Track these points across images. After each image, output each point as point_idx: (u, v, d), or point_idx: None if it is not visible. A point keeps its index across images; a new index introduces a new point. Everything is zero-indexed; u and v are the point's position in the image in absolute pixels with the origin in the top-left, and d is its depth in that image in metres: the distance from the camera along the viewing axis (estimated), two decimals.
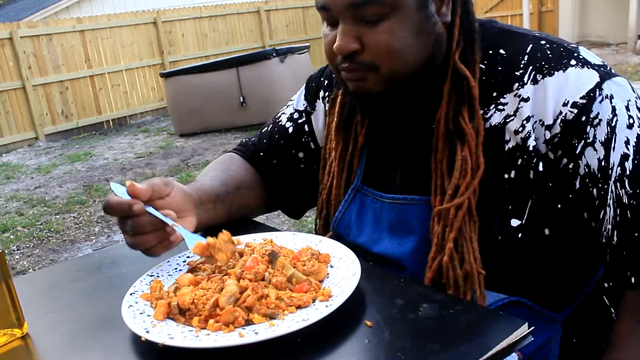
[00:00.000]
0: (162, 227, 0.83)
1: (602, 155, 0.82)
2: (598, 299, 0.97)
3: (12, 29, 7.94)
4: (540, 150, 0.85)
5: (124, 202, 0.80)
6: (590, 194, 0.84)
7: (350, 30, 0.84)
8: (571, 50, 0.86)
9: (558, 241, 0.88)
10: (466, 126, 0.86)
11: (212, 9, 10.53)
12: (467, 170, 0.85)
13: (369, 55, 0.84)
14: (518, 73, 0.86)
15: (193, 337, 0.65)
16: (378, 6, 0.82)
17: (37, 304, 0.83)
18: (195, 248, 0.80)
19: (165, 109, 8.99)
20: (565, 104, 0.82)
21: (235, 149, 1.18)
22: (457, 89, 0.88)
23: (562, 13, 11.05)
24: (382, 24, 0.83)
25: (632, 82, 1.23)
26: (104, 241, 4.19)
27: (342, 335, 0.65)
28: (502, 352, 0.61)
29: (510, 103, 0.86)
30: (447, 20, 0.88)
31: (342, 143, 1.02)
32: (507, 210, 0.86)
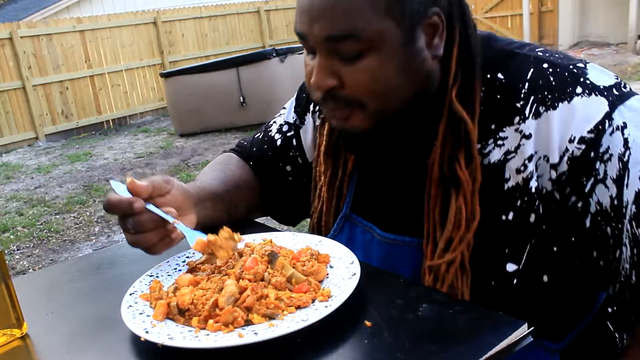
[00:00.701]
0: (163, 224, 0.82)
1: (614, 193, 0.75)
2: (601, 325, 0.92)
3: (12, 29, 7.95)
4: (545, 189, 0.78)
5: (125, 199, 0.80)
6: (602, 232, 0.78)
7: (327, 65, 0.77)
8: (577, 74, 0.78)
9: (556, 285, 0.83)
10: (462, 174, 0.79)
11: (212, 9, 10.53)
12: (461, 221, 0.79)
13: (349, 92, 0.78)
14: (519, 104, 0.79)
15: (192, 338, 0.64)
16: (356, 42, 0.74)
17: (36, 304, 0.83)
18: (196, 245, 0.80)
19: (165, 109, 8.99)
20: (572, 140, 0.75)
21: (233, 150, 1.17)
22: (454, 130, 0.80)
23: (562, 13, 11.04)
24: (361, 61, 0.76)
25: (632, 82, 1.21)
26: (104, 241, 4.19)
27: (341, 336, 0.65)
28: (501, 352, 0.61)
29: (511, 138, 0.79)
30: (438, 54, 0.80)
31: (331, 168, 0.97)
32: (503, 254, 0.80)
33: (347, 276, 0.73)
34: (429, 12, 0.77)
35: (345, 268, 0.76)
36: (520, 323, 0.63)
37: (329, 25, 0.75)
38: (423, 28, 0.77)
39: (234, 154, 1.15)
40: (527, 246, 0.80)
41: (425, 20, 0.77)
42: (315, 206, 1.01)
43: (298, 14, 0.79)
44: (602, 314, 0.92)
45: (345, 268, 0.76)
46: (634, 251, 0.76)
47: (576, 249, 0.81)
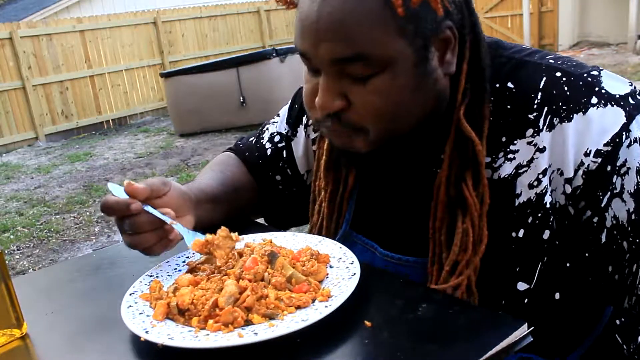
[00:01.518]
0: (161, 225, 0.81)
1: (632, 207, 0.73)
2: (609, 338, 0.89)
3: (12, 29, 7.95)
4: (559, 203, 0.76)
5: (122, 201, 0.79)
6: (619, 247, 0.75)
7: (334, 86, 0.73)
8: (592, 83, 0.75)
9: (567, 303, 0.80)
10: (469, 195, 0.76)
11: (212, 9, 10.53)
12: (467, 244, 0.76)
13: (356, 115, 0.74)
14: (531, 116, 0.75)
15: (192, 338, 0.64)
16: (366, 63, 0.70)
17: (36, 304, 0.83)
18: (194, 245, 0.80)
19: (165, 109, 8.99)
20: (588, 154, 0.72)
21: (232, 149, 1.16)
22: (461, 151, 0.77)
23: (562, 13, 11.04)
24: (371, 81, 0.71)
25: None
26: (104, 241, 4.19)
27: (341, 336, 0.65)
28: (501, 352, 0.61)
29: (523, 151, 0.76)
30: (451, 71, 0.75)
31: (331, 184, 0.94)
32: (513, 272, 0.77)
33: (347, 276, 0.73)
34: (442, 27, 0.72)
35: (345, 268, 0.76)
36: (520, 323, 0.63)
37: (336, 47, 0.70)
38: (436, 43, 0.73)
39: (233, 154, 1.15)
40: (539, 264, 0.77)
41: (439, 35, 0.72)
42: (314, 222, 0.98)
43: (299, 31, 0.73)
44: (610, 327, 0.89)
45: (345, 268, 0.76)
46: None
47: (590, 264, 0.78)
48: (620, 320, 0.88)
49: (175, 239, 0.83)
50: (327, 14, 0.69)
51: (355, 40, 0.69)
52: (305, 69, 0.79)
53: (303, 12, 0.72)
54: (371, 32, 0.69)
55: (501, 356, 0.60)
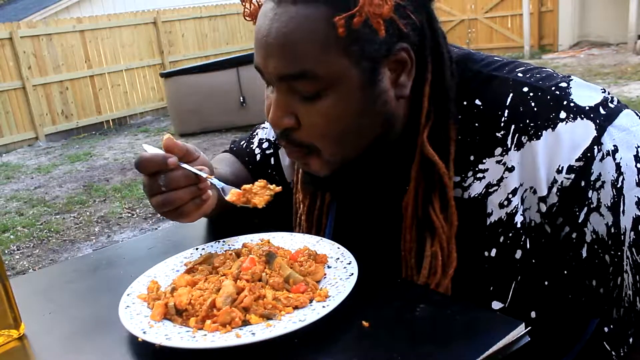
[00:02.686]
0: (196, 182, 0.78)
1: (610, 221, 0.72)
2: (597, 346, 0.87)
3: (12, 29, 7.95)
4: (534, 221, 0.75)
5: (159, 154, 0.76)
6: (601, 260, 0.74)
7: (284, 103, 0.74)
8: (559, 97, 0.73)
9: (545, 320, 0.79)
10: (436, 218, 0.76)
11: (212, 9, 10.53)
12: (437, 267, 0.76)
13: (305, 135, 0.75)
14: (499, 134, 0.74)
15: (190, 338, 0.64)
16: (311, 81, 0.70)
17: (34, 304, 0.83)
18: (232, 195, 0.80)
19: (165, 109, 8.99)
20: (560, 171, 0.71)
21: (227, 152, 1.15)
22: (427, 173, 0.77)
23: (562, 13, 11.04)
24: (319, 101, 0.72)
25: (632, 82, 1.15)
26: (104, 241, 4.19)
27: (339, 336, 0.65)
28: (498, 352, 0.61)
29: (492, 170, 0.75)
30: (404, 93, 0.75)
31: (309, 198, 0.94)
32: (487, 292, 0.77)
33: (344, 276, 0.73)
34: (395, 49, 0.72)
35: (343, 268, 0.76)
36: (517, 323, 0.63)
37: (282, 63, 0.71)
38: (388, 65, 0.73)
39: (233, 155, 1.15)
40: (512, 283, 0.77)
41: (391, 57, 0.72)
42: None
43: (255, 47, 0.75)
44: (598, 334, 0.87)
45: (343, 268, 0.76)
46: (636, 278, 0.74)
47: (570, 281, 0.78)
48: (608, 328, 0.87)
49: (207, 199, 0.80)
50: (275, 29, 0.71)
51: (300, 57, 0.70)
52: (265, 89, 0.80)
53: (257, 27, 0.74)
54: (315, 50, 0.69)
55: (498, 356, 0.61)
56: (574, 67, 9.17)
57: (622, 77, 7.94)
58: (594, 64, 9.19)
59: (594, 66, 9.01)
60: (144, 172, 0.77)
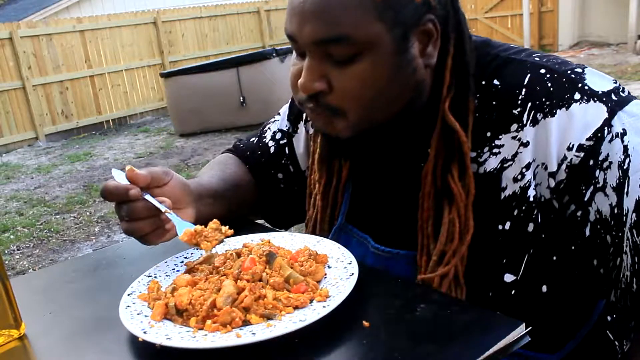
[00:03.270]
0: (158, 214, 0.81)
1: (614, 202, 0.74)
2: (600, 334, 0.90)
3: (12, 29, 7.95)
4: (544, 197, 0.77)
5: (121, 186, 0.79)
6: (602, 240, 0.77)
7: (316, 67, 0.75)
8: (575, 80, 0.76)
9: (555, 295, 0.81)
10: (455, 186, 0.78)
11: (212, 9, 10.53)
12: (454, 234, 0.78)
13: (336, 99, 0.76)
14: (516, 111, 0.77)
15: (190, 338, 0.64)
16: (347, 45, 0.73)
17: (34, 304, 0.83)
18: (184, 235, 0.80)
19: (165, 109, 8.99)
20: (570, 148, 0.74)
21: (231, 150, 1.16)
22: (447, 142, 0.79)
23: (562, 13, 11.04)
24: (352, 65, 0.74)
25: (632, 82, 1.18)
26: (104, 241, 4.19)
27: (339, 336, 0.65)
28: (499, 352, 0.61)
29: (507, 145, 0.78)
30: (432, 62, 0.78)
31: (325, 176, 0.95)
32: (500, 264, 0.79)
33: (345, 276, 0.73)
34: (424, 19, 0.75)
35: (343, 268, 0.76)
36: (518, 323, 0.63)
37: (320, 27, 0.73)
38: (417, 35, 0.75)
39: (233, 155, 1.15)
40: (525, 256, 0.78)
41: (420, 27, 0.75)
42: (310, 215, 1.00)
43: (288, 15, 0.77)
44: (601, 322, 0.90)
45: (343, 268, 0.76)
46: (634, 259, 0.75)
47: (576, 257, 0.79)
48: (611, 317, 0.89)
49: (171, 229, 0.83)
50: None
51: (337, 22, 0.72)
52: (293, 56, 0.82)
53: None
54: (352, 14, 0.72)
55: (498, 356, 0.61)
56: None
57: (622, 77, 7.94)
58: (594, 64, 9.19)
59: (594, 66, 8.97)
60: (108, 201, 0.80)
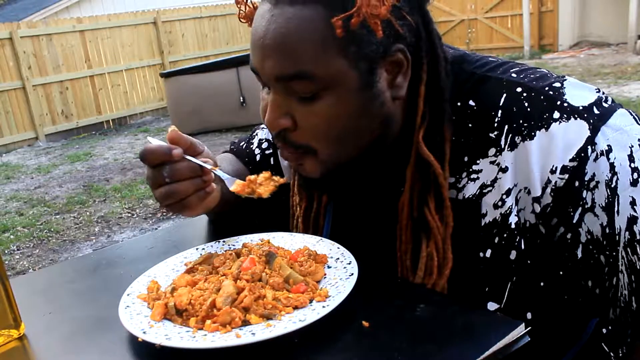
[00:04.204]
0: (200, 174, 0.79)
1: (605, 221, 0.72)
2: (595, 347, 0.87)
3: (12, 29, 7.95)
4: (529, 222, 0.75)
5: (164, 145, 0.77)
6: (596, 261, 0.74)
7: (280, 103, 0.74)
8: (553, 97, 0.73)
9: (541, 322, 0.79)
10: (432, 219, 0.76)
11: (212, 9, 10.53)
12: (432, 268, 0.76)
13: (301, 136, 0.75)
14: (493, 135, 0.74)
15: (190, 338, 0.64)
16: (309, 82, 0.70)
17: (34, 304, 0.83)
18: (237, 186, 0.80)
19: (165, 109, 9.00)
20: (554, 171, 0.71)
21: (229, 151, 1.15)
22: (422, 174, 0.77)
23: (562, 13, 11.04)
24: (316, 102, 0.72)
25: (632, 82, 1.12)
26: (104, 241, 4.19)
27: (339, 336, 0.65)
28: (498, 352, 0.61)
29: (486, 170, 0.75)
30: (401, 94, 0.75)
31: (305, 200, 0.94)
32: (483, 292, 0.77)
33: (344, 276, 0.73)
34: (392, 50, 0.72)
35: (343, 268, 0.76)
36: (517, 323, 0.63)
37: (280, 63, 0.71)
38: (385, 66, 0.73)
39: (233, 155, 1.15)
40: (508, 284, 0.77)
41: (387, 58, 0.72)
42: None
43: (251, 49, 0.75)
44: (596, 335, 0.87)
45: (343, 268, 0.76)
46: (631, 278, 0.73)
47: (565, 282, 0.78)
48: (606, 329, 0.87)
49: (211, 192, 0.80)
50: (272, 30, 0.71)
51: (297, 58, 0.70)
52: (261, 90, 0.80)
53: (254, 28, 0.74)
54: (313, 51, 0.69)
55: (498, 356, 0.61)
56: (573, 67, 9.17)
57: (622, 77, 7.94)
58: (594, 64, 9.19)
59: (594, 66, 9.01)
60: (148, 163, 0.77)
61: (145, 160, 0.77)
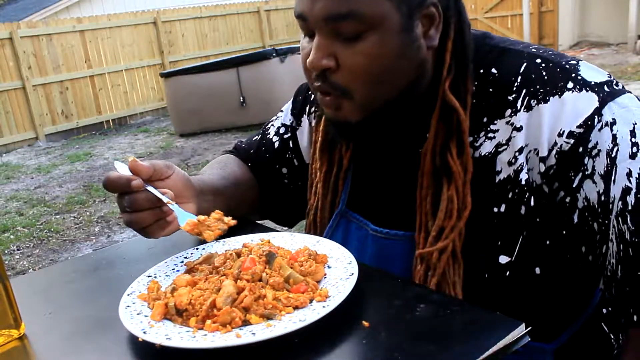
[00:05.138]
0: (159, 205, 0.81)
1: (601, 189, 0.76)
2: (596, 326, 0.92)
3: (12, 29, 7.95)
4: (535, 182, 0.79)
5: (124, 177, 0.80)
6: (590, 227, 0.79)
7: (325, 45, 0.77)
8: (569, 70, 0.79)
9: (549, 279, 0.82)
10: (454, 163, 0.80)
11: (212, 9, 10.53)
12: (452, 211, 0.80)
13: (343, 77, 0.78)
14: (510, 97, 0.79)
15: (190, 338, 0.64)
16: (356, 22, 0.75)
17: (34, 304, 0.83)
18: (186, 225, 0.81)
19: (165, 109, 9.00)
20: (561, 134, 0.75)
21: (231, 151, 1.17)
22: (446, 121, 0.82)
23: (562, 13, 11.04)
24: (360, 43, 0.76)
25: (632, 82, 1.16)
26: (104, 241, 4.19)
27: (339, 336, 0.65)
28: (499, 352, 0.61)
29: (502, 130, 0.80)
30: (434, 44, 0.80)
31: (326, 164, 0.98)
32: (495, 246, 0.80)
33: (344, 276, 0.73)
34: (427, 3, 0.78)
35: (343, 268, 0.76)
36: (518, 323, 0.63)
37: (330, 3, 0.75)
38: (420, 17, 0.78)
39: (232, 155, 1.15)
40: (519, 238, 0.80)
41: (423, 9, 0.77)
42: (311, 203, 1.01)
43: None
44: (597, 314, 0.91)
45: (343, 268, 0.76)
46: (619, 247, 0.76)
47: (567, 242, 0.81)
48: (607, 309, 0.90)
49: (173, 222, 0.83)
50: None
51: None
52: (302, 39, 0.83)
53: None
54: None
55: (498, 356, 0.61)
56: None
57: (622, 77, 7.94)
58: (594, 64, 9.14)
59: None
60: (110, 191, 0.80)
61: (107, 189, 0.81)
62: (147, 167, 0.82)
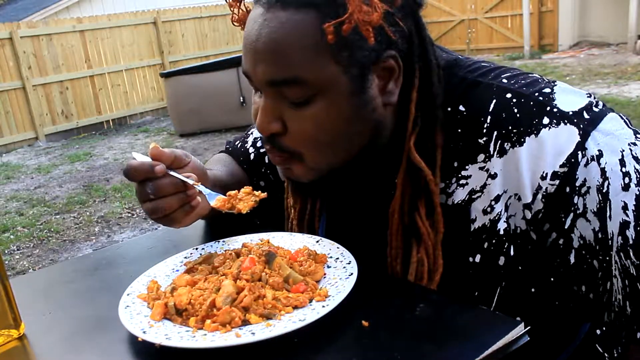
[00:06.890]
0: (183, 189, 0.79)
1: (597, 226, 0.71)
2: (589, 348, 0.87)
3: (12, 29, 7.95)
4: (520, 228, 0.74)
5: (147, 162, 0.77)
6: (589, 266, 0.73)
7: (272, 108, 0.74)
8: (543, 102, 0.72)
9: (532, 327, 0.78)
10: (422, 225, 0.76)
11: (212, 9, 10.53)
12: (423, 273, 0.77)
13: (291, 141, 0.75)
14: (481, 140, 0.74)
15: (190, 338, 0.65)
16: (301, 87, 0.70)
17: (34, 304, 0.83)
18: (217, 202, 0.80)
19: (165, 109, 8.99)
20: (544, 177, 0.70)
21: (223, 152, 1.15)
22: (413, 180, 0.77)
23: (562, 13, 11.04)
24: (308, 107, 0.72)
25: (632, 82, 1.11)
26: (104, 241, 4.19)
27: (338, 336, 0.65)
28: (498, 351, 0.61)
29: (475, 176, 0.75)
30: (392, 100, 0.75)
31: (300, 202, 0.94)
32: (472, 297, 0.77)
33: (344, 276, 0.73)
34: (383, 56, 0.72)
35: (343, 268, 0.76)
36: (517, 323, 0.63)
37: (272, 68, 0.71)
38: (377, 72, 0.73)
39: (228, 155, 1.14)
40: (497, 289, 0.77)
41: (379, 64, 0.72)
42: None
43: (243, 53, 0.75)
44: (590, 337, 0.87)
45: (343, 268, 0.76)
46: (625, 282, 0.72)
47: (557, 288, 0.78)
48: (600, 330, 0.87)
49: (197, 206, 0.81)
50: (265, 35, 0.71)
51: (289, 63, 0.70)
52: (253, 95, 0.80)
53: (246, 32, 0.74)
54: (305, 56, 0.70)
55: (498, 356, 0.61)
56: (574, 67, 9.17)
57: (622, 77, 7.93)
58: (594, 64, 9.18)
59: (594, 66, 9.01)
60: (132, 180, 0.78)
61: (129, 177, 0.77)
62: (169, 153, 0.80)
